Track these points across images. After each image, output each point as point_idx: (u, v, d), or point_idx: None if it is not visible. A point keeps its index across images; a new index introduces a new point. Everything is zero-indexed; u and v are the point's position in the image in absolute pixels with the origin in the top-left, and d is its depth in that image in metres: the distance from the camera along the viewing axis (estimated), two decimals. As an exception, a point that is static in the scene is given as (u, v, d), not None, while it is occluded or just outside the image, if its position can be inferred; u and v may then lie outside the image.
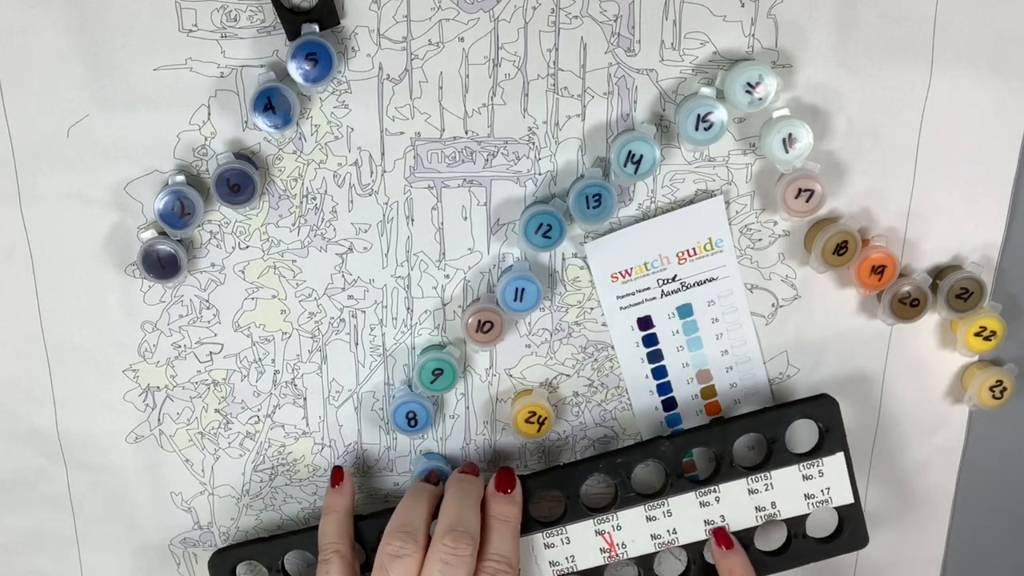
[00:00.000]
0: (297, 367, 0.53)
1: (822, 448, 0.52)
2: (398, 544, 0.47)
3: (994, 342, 0.53)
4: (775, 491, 0.51)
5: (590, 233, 0.51)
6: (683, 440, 0.51)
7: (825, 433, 0.52)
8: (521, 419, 0.53)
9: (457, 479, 0.50)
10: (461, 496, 0.49)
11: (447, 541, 0.46)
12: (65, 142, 0.47)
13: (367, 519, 0.52)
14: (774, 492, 0.51)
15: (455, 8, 0.47)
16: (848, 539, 0.53)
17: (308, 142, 0.49)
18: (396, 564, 0.46)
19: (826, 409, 0.52)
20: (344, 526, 0.51)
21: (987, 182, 0.52)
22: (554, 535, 0.51)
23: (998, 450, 0.58)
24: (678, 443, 0.51)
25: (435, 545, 0.47)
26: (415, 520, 0.48)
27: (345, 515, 0.51)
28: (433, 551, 0.46)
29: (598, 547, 0.51)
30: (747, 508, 0.51)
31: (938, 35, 0.49)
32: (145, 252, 0.48)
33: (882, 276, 0.52)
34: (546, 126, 0.49)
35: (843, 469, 0.52)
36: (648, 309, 0.53)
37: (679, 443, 0.51)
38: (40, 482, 0.54)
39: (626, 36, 0.48)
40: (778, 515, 0.52)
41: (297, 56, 0.45)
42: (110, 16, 0.45)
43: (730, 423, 0.52)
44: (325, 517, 0.51)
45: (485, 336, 0.51)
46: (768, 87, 0.47)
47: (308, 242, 0.50)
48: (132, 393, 0.53)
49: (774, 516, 0.52)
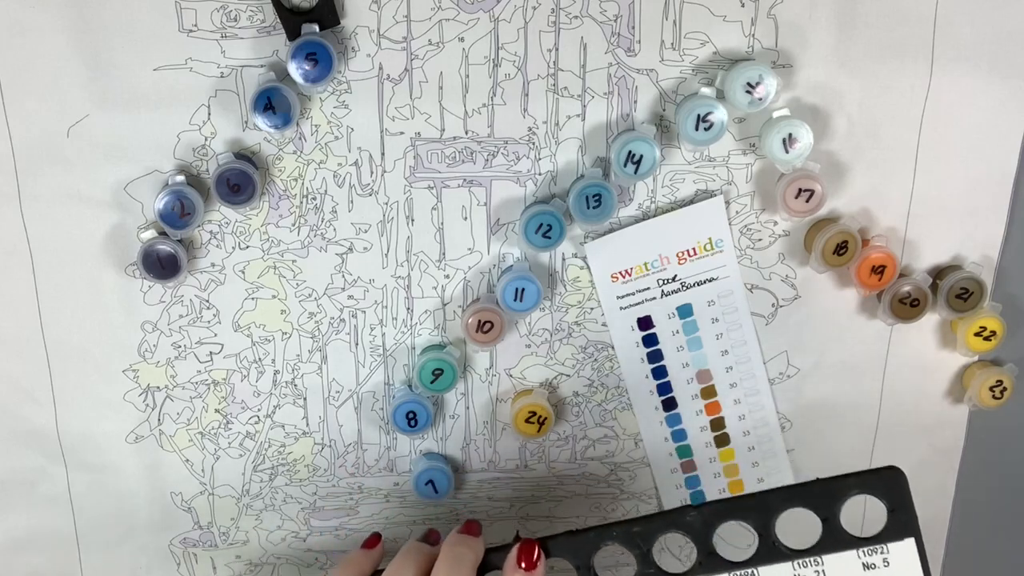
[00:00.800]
0: (297, 367, 0.53)
1: (888, 531, 0.43)
2: None
3: (994, 342, 0.53)
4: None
5: (590, 233, 0.51)
6: (714, 511, 0.43)
7: (891, 513, 0.43)
8: (521, 419, 0.53)
9: (454, 542, 0.46)
10: (455, 564, 0.44)
11: None
12: (65, 142, 0.47)
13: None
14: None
15: (455, 8, 0.47)
16: None
17: (308, 142, 0.49)
18: None
19: (893, 484, 0.43)
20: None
21: (987, 182, 0.52)
22: None
23: (998, 450, 0.58)
24: (707, 514, 0.43)
25: None
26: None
27: (361, 574, 0.48)
28: None
29: None
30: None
31: (938, 35, 0.49)
32: (145, 252, 0.48)
33: (882, 276, 0.52)
34: (546, 126, 0.49)
35: (914, 558, 0.43)
36: (648, 309, 0.53)
37: (708, 514, 0.43)
38: (40, 482, 0.54)
39: (626, 36, 0.48)
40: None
41: (297, 56, 0.45)
42: (110, 16, 0.45)
43: (772, 495, 0.44)
44: (341, 567, 0.48)
45: (485, 336, 0.51)
46: (768, 87, 0.47)
47: (308, 242, 0.50)
48: (132, 393, 0.53)
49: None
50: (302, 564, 0.57)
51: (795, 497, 0.43)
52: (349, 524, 0.57)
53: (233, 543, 0.57)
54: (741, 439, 0.56)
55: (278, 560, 0.58)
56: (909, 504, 0.43)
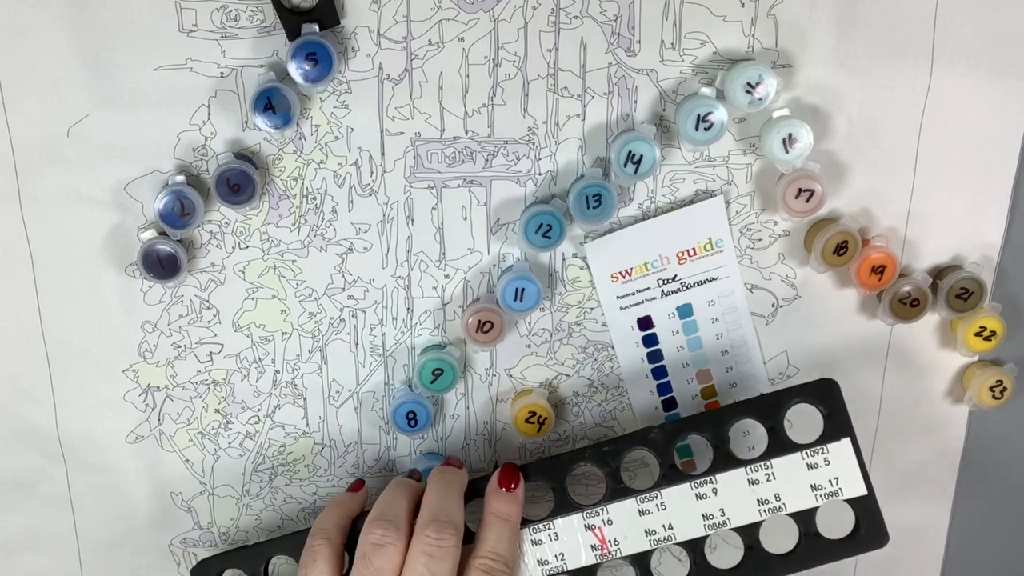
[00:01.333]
0: (297, 367, 0.53)
1: (826, 435, 0.48)
2: (380, 532, 0.45)
3: (994, 342, 0.53)
4: (778, 482, 0.48)
5: (590, 233, 0.51)
6: (675, 427, 0.49)
7: (827, 418, 0.48)
8: (521, 419, 0.53)
9: (439, 471, 0.49)
10: (443, 487, 0.48)
11: (429, 532, 0.45)
12: (65, 142, 0.47)
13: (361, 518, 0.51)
14: (777, 483, 0.48)
15: (455, 8, 0.47)
16: (865, 537, 0.49)
17: (308, 142, 0.49)
18: (379, 553, 0.45)
19: (827, 392, 0.48)
20: (343, 521, 0.49)
21: (987, 182, 0.52)
22: (541, 531, 0.49)
23: (998, 450, 0.58)
24: (669, 430, 0.49)
25: (418, 536, 0.45)
26: (397, 509, 0.47)
27: (348, 513, 0.50)
28: (416, 542, 0.45)
29: (589, 544, 0.49)
30: (748, 501, 0.48)
31: (938, 35, 0.49)
32: (145, 252, 0.48)
33: (882, 276, 0.52)
34: (546, 126, 0.49)
35: (851, 456, 0.48)
36: (648, 309, 0.53)
37: (670, 430, 0.49)
38: (40, 482, 0.54)
39: (626, 36, 0.48)
40: (783, 508, 0.48)
41: (297, 56, 0.45)
42: (110, 16, 0.45)
43: (725, 410, 0.49)
44: (328, 508, 0.50)
45: (485, 336, 0.51)
46: (768, 87, 0.47)
47: (308, 242, 0.50)
48: (132, 393, 0.53)
49: (779, 509, 0.48)
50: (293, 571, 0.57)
51: (744, 410, 0.49)
52: (349, 524, 0.57)
53: (233, 543, 0.57)
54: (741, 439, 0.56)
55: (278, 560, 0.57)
56: (842, 409, 0.48)
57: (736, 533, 0.49)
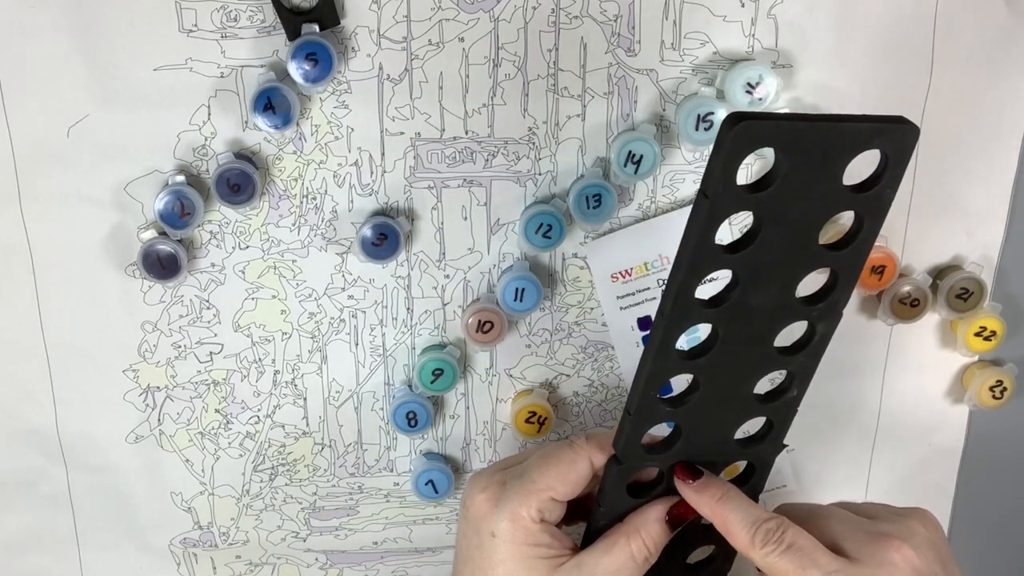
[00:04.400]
0: (297, 367, 0.53)
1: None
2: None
3: (994, 342, 0.53)
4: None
5: (590, 233, 0.51)
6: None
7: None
8: (521, 419, 0.53)
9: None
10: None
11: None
12: (65, 142, 0.47)
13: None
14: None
15: (455, 8, 0.47)
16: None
17: (308, 142, 0.49)
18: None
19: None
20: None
21: (987, 182, 0.52)
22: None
23: (998, 450, 0.58)
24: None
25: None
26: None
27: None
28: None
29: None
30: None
31: (938, 35, 0.49)
32: (145, 252, 0.48)
33: (882, 276, 0.52)
34: (546, 126, 0.49)
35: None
36: (648, 309, 0.53)
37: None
38: (40, 482, 0.54)
39: (626, 36, 0.48)
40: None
41: (297, 56, 0.45)
42: (110, 16, 0.45)
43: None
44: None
45: (485, 336, 0.51)
46: (768, 87, 0.47)
47: (308, 242, 0.50)
48: (132, 393, 0.53)
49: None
50: (302, 564, 0.57)
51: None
52: (349, 524, 0.57)
53: (233, 543, 0.57)
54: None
55: (278, 560, 0.58)
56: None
57: None
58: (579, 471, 0.43)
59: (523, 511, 0.43)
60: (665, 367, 0.39)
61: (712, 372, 0.40)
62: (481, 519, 0.43)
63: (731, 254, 0.36)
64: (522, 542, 0.43)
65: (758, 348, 0.40)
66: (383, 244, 0.49)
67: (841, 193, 0.36)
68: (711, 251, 0.36)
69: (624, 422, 0.41)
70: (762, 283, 0.38)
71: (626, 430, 0.41)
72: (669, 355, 0.39)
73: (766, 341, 0.40)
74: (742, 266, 0.37)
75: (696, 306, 0.37)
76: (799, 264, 0.38)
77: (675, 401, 0.41)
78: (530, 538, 0.43)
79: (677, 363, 0.39)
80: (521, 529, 0.43)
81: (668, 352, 0.38)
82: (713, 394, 0.40)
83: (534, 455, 0.45)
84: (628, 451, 0.42)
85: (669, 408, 0.41)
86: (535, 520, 0.43)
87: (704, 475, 0.43)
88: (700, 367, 0.39)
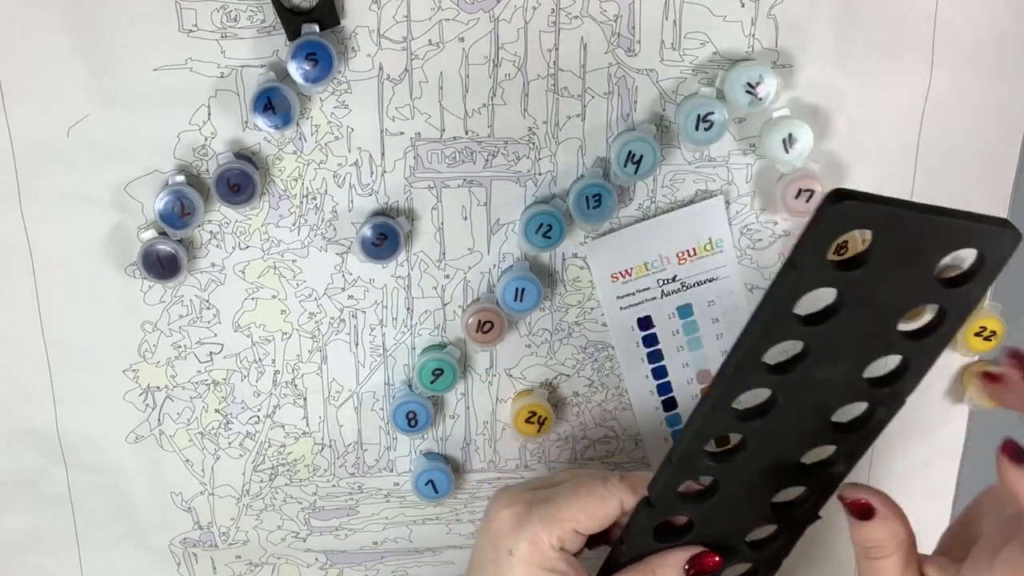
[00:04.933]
0: (297, 367, 0.53)
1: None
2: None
3: (994, 342, 0.53)
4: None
5: (590, 233, 0.51)
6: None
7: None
8: (521, 419, 0.53)
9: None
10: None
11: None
12: (65, 142, 0.47)
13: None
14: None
15: (455, 8, 0.47)
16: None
17: (308, 142, 0.49)
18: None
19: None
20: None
21: (987, 182, 0.52)
22: None
23: (998, 450, 0.58)
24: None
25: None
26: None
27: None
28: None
29: None
30: None
31: (938, 35, 0.49)
32: (145, 252, 0.48)
33: (882, 276, 0.51)
34: (546, 126, 0.49)
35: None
36: (648, 309, 0.53)
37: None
38: (40, 482, 0.54)
39: (626, 36, 0.48)
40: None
41: (297, 56, 0.45)
42: (110, 16, 0.45)
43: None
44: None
45: (485, 336, 0.51)
46: (768, 87, 0.47)
47: (308, 242, 0.50)
48: (132, 393, 0.53)
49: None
50: (302, 564, 0.57)
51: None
52: (349, 524, 0.57)
53: (233, 543, 0.57)
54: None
55: (278, 560, 0.58)
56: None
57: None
58: (607, 509, 0.43)
59: (544, 536, 0.42)
60: (717, 424, 0.38)
61: (763, 436, 0.39)
62: (501, 535, 0.43)
63: (807, 326, 0.35)
64: (538, 566, 0.42)
65: (814, 420, 0.39)
66: (383, 244, 0.49)
67: (931, 285, 0.36)
68: (788, 320, 0.35)
69: (664, 468, 0.40)
70: (832, 359, 0.37)
71: (664, 476, 0.40)
72: (724, 413, 0.38)
73: (823, 415, 0.39)
74: (816, 339, 0.36)
75: (760, 370, 0.37)
76: (874, 347, 0.37)
77: (720, 457, 0.40)
78: (546, 563, 0.42)
79: (730, 422, 0.38)
80: (539, 553, 0.42)
81: (724, 410, 0.38)
82: (759, 458, 0.40)
83: (567, 483, 0.44)
84: (662, 497, 0.41)
85: (712, 463, 0.40)
86: (554, 548, 0.42)
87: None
88: (752, 429, 0.39)
